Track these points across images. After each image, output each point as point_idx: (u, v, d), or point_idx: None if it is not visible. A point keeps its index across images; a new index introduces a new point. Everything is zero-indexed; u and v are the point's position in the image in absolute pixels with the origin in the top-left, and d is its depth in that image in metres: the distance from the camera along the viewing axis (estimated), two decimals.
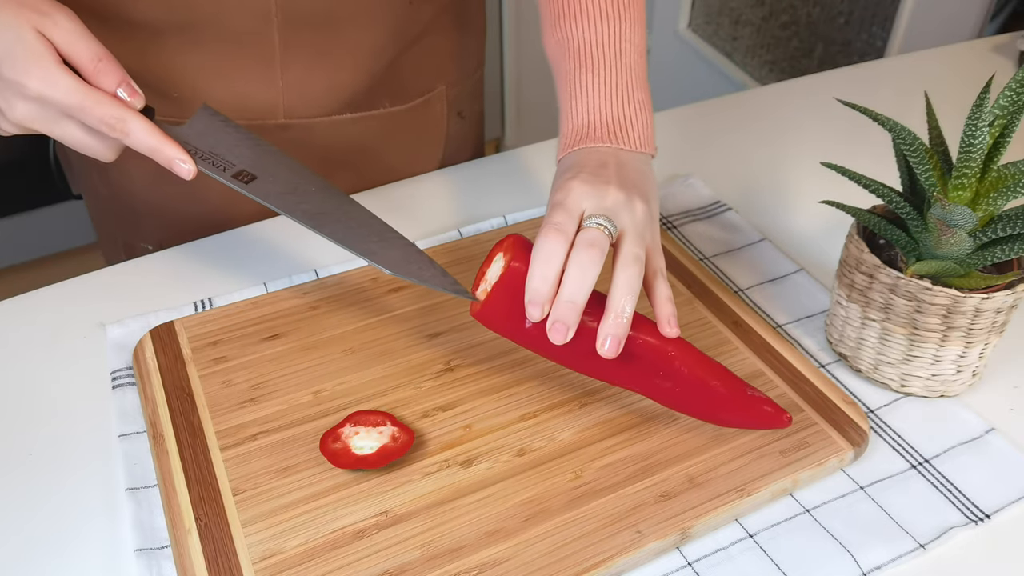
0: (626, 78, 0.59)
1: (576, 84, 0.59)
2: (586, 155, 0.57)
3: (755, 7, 1.89)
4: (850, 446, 0.56)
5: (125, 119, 0.53)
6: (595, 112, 0.58)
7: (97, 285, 0.70)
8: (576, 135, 0.58)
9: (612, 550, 0.50)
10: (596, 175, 0.55)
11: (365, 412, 0.57)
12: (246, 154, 0.57)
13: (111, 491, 0.55)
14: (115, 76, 0.53)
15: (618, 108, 0.58)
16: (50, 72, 0.52)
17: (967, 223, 0.52)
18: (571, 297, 0.50)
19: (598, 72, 0.59)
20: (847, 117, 0.88)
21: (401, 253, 0.55)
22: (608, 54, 0.59)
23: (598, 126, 0.58)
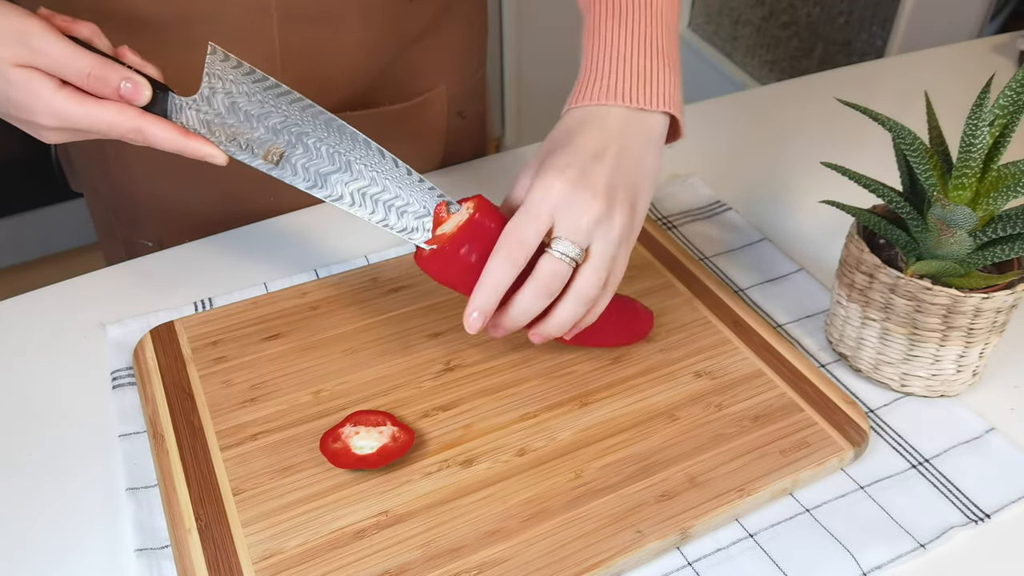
0: (655, 30, 0.56)
1: (600, 31, 0.56)
2: (591, 129, 0.54)
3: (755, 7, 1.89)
4: (850, 446, 0.56)
5: (143, 130, 0.53)
6: (618, 61, 0.55)
7: (97, 285, 0.70)
8: (594, 85, 0.55)
9: (612, 550, 0.50)
10: (584, 174, 0.52)
11: (365, 412, 0.57)
12: (274, 119, 0.54)
13: (111, 491, 0.55)
14: (112, 81, 0.52)
15: (643, 60, 0.55)
16: (53, 105, 0.51)
17: (967, 223, 0.52)
18: (514, 319, 0.53)
19: (626, 20, 0.56)
20: (847, 117, 0.88)
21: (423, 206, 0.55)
22: (638, 2, 0.56)
23: (619, 78, 0.54)
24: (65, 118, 0.51)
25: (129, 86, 0.52)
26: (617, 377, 0.61)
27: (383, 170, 0.55)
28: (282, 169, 0.55)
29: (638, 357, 0.63)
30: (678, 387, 0.60)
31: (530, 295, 0.52)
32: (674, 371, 0.61)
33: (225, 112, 0.54)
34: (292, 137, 0.55)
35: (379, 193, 0.56)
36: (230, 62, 0.54)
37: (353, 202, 0.56)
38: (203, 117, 0.55)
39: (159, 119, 0.53)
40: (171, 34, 0.68)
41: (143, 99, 0.53)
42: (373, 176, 0.55)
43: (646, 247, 0.72)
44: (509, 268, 0.51)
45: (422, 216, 0.56)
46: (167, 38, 0.69)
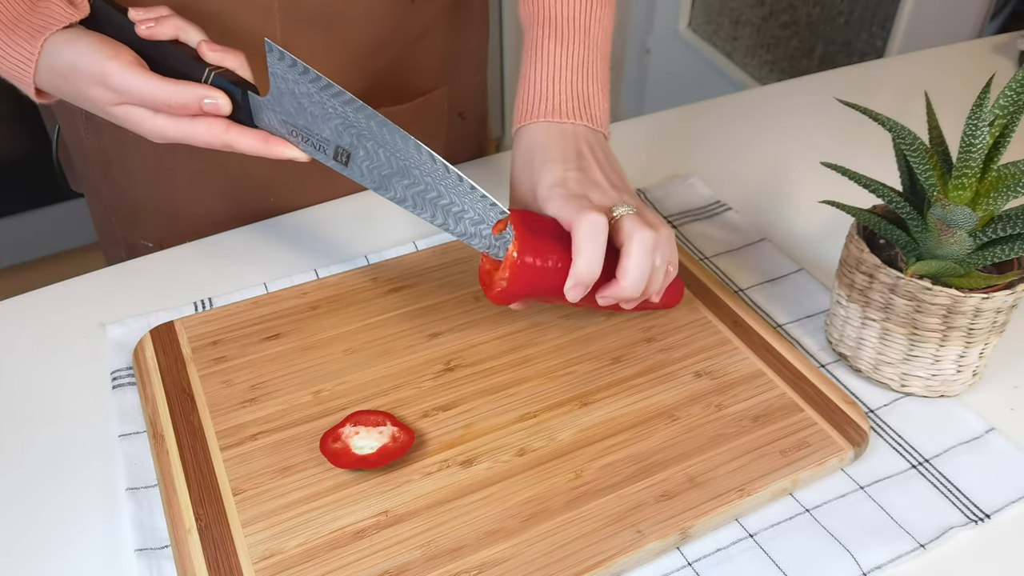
0: (592, 55, 0.60)
1: (541, 51, 0.60)
2: (555, 138, 0.57)
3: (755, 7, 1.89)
4: (850, 446, 0.56)
5: (231, 144, 0.56)
6: (557, 83, 0.59)
7: (97, 285, 0.70)
8: (538, 104, 0.59)
9: (612, 550, 0.50)
10: (592, 177, 0.56)
11: (365, 412, 0.57)
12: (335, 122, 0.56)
13: (111, 491, 0.55)
14: (192, 106, 0.55)
15: (581, 83, 0.59)
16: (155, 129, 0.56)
17: (967, 223, 0.52)
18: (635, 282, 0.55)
19: (565, 44, 0.60)
20: (847, 117, 0.88)
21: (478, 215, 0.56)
22: (577, 28, 0.60)
23: (561, 99, 0.59)
24: (167, 137, 0.56)
25: (211, 102, 0.55)
26: (617, 377, 0.61)
27: (436, 175, 0.56)
28: (351, 170, 0.57)
29: (638, 357, 0.63)
30: (678, 387, 0.60)
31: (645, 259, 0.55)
32: (674, 371, 0.61)
33: (295, 112, 0.56)
34: (353, 139, 0.56)
35: (436, 198, 0.56)
36: (286, 61, 0.55)
37: (415, 205, 0.56)
38: (280, 117, 0.57)
39: (244, 130, 0.56)
40: None
41: (225, 111, 0.56)
42: (428, 181, 0.56)
43: None
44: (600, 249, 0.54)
45: (478, 223, 0.56)
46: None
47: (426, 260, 0.71)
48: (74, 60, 0.55)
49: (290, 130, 0.57)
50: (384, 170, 0.56)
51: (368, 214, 0.78)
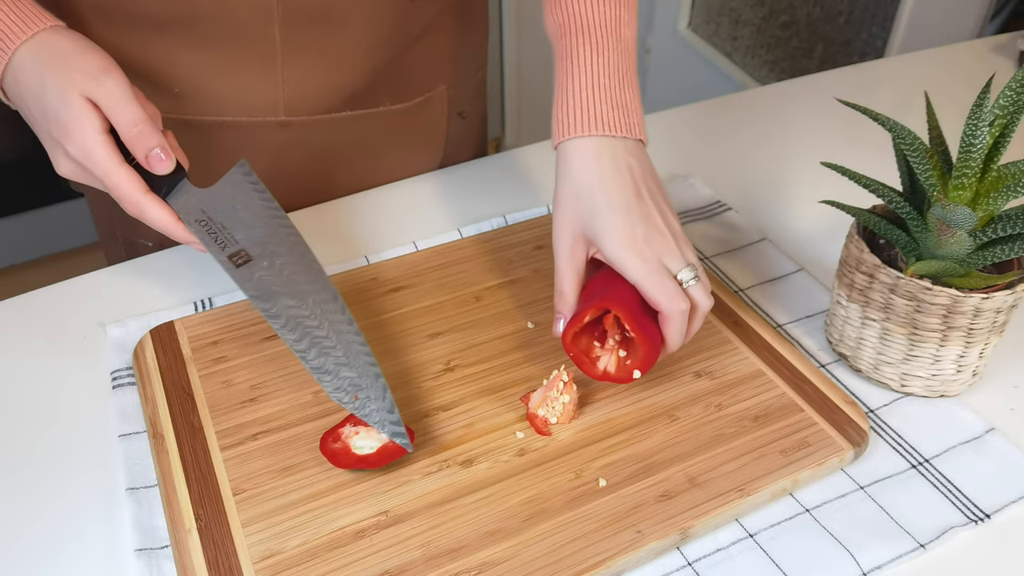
0: (625, 61, 0.59)
1: (578, 59, 0.59)
2: (610, 172, 0.57)
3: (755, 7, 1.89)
4: (850, 446, 0.56)
5: (142, 209, 0.56)
6: (597, 89, 0.58)
7: (97, 285, 0.70)
8: (580, 116, 0.58)
9: (612, 550, 0.50)
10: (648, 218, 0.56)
11: None
12: (257, 232, 0.57)
13: (111, 491, 0.55)
14: (149, 142, 0.56)
15: (619, 90, 0.58)
16: (87, 142, 0.55)
17: (967, 223, 0.52)
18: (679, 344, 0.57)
19: (601, 50, 0.59)
20: (847, 117, 0.88)
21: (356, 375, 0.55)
22: (610, 34, 0.59)
23: (602, 108, 0.58)
24: (87, 158, 0.55)
25: (160, 154, 0.56)
26: None
27: (336, 322, 0.55)
28: (240, 272, 0.56)
29: None
30: (678, 387, 0.60)
31: (696, 325, 0.57)
32: (674, 371, 0.61)
33: (222, 209, 0.58)
34: (265, 251, 0.57)
35: (322, 337, 0.55)
36: (251, 177, 0.58)
37: (286, 323, 0.55)
38: (200, 206, 0.58)
39: (159, 203, 0.56)
40: (174, 33, 0.69)
41: (163, 170, 0.57)
42: (323, 322, 0.55)
43: None
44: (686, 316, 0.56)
45: (351, 389, 0.54)
46: (170, 37, 0.69)
47: (426, 260, 0.71)
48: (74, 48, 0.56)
49: (202, 219, 0.57)
50: (278, 286, 0.56)
51: (368, 214, 0.78)
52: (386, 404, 0.54)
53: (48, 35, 0.57)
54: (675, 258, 0.56)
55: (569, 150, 0.58)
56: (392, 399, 0.54)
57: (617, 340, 0.58)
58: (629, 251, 0.55)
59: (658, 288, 0.55)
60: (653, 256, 0.56)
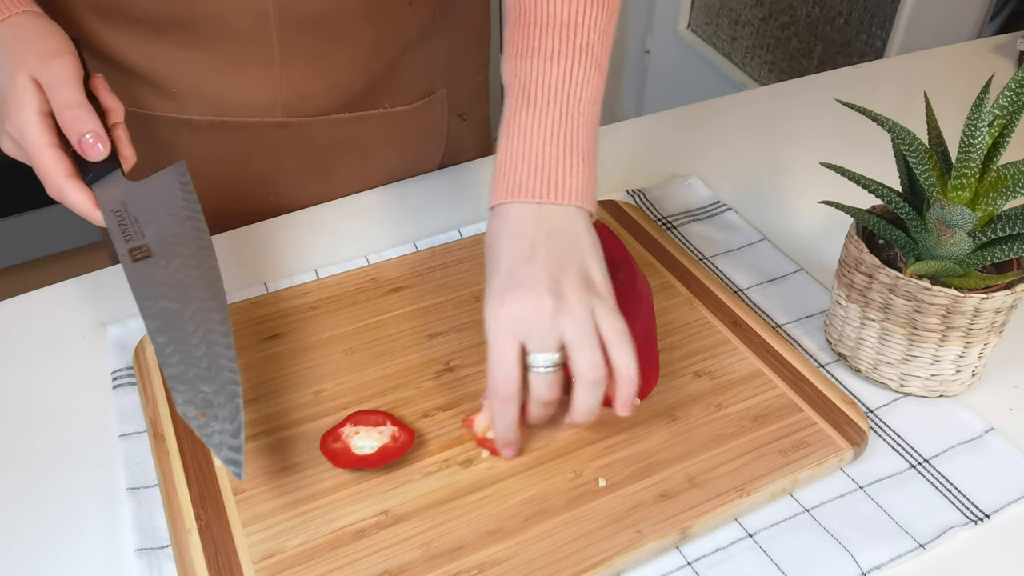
0: (570, 123, 0.54)
1: (514, 123, 0.55)
2: (511, 233, 0.53)
3: (755, 8, 1.89)
4: (849, 446, 0.56)
5: (62, 191, 0.56)
6: (530, 155, 0.54)
7: (97, 285, 0.70)
8: (508, 183, 0.54)
9: (612, 550, 0.50)
10: (523, 283, 0.51)
11: (365, 412, 0.57)
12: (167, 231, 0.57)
13: (111, 491, 0.55)
14: (82, 126, 0.56)
15: (555, 153, 0.53)
16: (22, 121, 0.56)
17: (966, 223, 0.52)
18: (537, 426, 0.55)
19: (540, 113, 0.54)
20: (847, 117, 0.88)
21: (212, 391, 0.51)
22: (554, 95, 0.54)
23: (530, 173, 0.53)
24: (21, 135, 0.56)
25: (91, 140, 0.56)
26: None
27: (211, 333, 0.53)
28: (134, 266, 0.55)
29: None
30: (678, 387, 0.60)
31: (537, 412, 0.54)
32: (674, 371, 0.62)
33: (142, 204, 0.57)
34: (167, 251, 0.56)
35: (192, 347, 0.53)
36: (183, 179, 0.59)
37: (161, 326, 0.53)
38: (121, 196, 0.57)
39: (80, 188, 0.56)
40: (172, 34, 0.69)
41: (95, 156, 0.56)
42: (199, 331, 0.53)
43: (646, 247, 0.72)
44: (510, 408, 0.52)
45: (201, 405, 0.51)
46: (168, 38, 0.69)
47: (426, 260, 0.71)
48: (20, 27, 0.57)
49: (118, 209, 0.57)
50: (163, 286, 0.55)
51: (368, 214, 0.78)
52: (231, 428, 0.50)
53: (18, 19, 0.57)
54: (540, 338, 0.50)
55: (492, 215, 0.55)
56: (241, 424, 0.50)
57: None
58: (490, 316, 0.51)
59: (492, 367, 0.51)
60: (511, 328, 0.51)
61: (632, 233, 0.74)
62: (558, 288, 0.51)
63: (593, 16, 0.55)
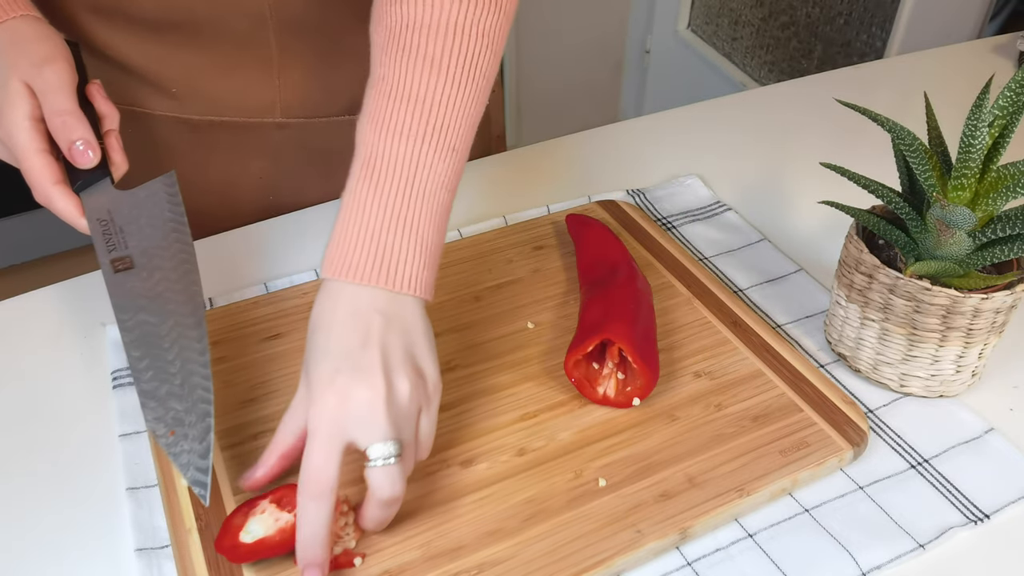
0: (412, 207, 0.50)
1: (355, 195, 0.51)
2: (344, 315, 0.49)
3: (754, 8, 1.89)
4: (849, 446, 0.56)
5: (49, 197, 0.55)
6: (366, 235, 0.50)
7: (97, 285, 0.70)
8: (342, 260, 0.50)
9: (612, 550, 0.50)
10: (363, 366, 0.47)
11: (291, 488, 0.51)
12: (150, 243, 0.56)
13: (111, 491, 0.55)
14: (72, 133, 0.55)
15: (392, 238, 0.50)
16: (13, 125, 0.55)
17: (966, 223, 0.52)
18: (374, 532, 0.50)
19: (381, 190, 0.50)
20: (847, 117, 0.88)
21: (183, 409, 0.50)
22: (398, 174, 0.50)
23: (365, 254, 0.50)
24: (11, 139, 0.55)
25: (81, 147, 0.55)
26: None
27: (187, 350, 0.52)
28: (115, 277, 0.55)
29: None
30: (677, 387, 0.60)
31: (376, 514, 0.49)
32: (674, 371, 0.62)
33: (128, 214, 0.57)
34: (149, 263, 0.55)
35: (167, 362, 0.52)
36: (171, 190, 0.58)
37: (136, 339, 0.52)
38: (108, 205, 0.57)
39: (67, 195, 0.56)
40: (171, 35, 0.69)
41: (84, 164, 0.56)
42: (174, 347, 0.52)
43: (646, 248, 0.73)
44: (324, 506, 0.46)
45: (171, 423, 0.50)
46: (167, 38, 0.69)
47: None
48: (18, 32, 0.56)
49: (104, 218, 0.57)
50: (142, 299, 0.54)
51: None
52: (200, 448, 0.49)
53: (15, 23, 0.57)
54: (370, 430, 0.47)
55: (320, 290, 0.51)
56: (211, 445, 0.49)
57: (614, 364, 0.59)
58: (318, 399, 0.47)
59: (309, 455, 0.46)
60: (337, 417, 0.47)
61: (632, 233, 0.74)
62: (391, 380, 0.48)
63: (453, 95, 0.51)
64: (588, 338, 0.58)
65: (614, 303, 0.60)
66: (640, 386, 0.57)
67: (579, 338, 0.59)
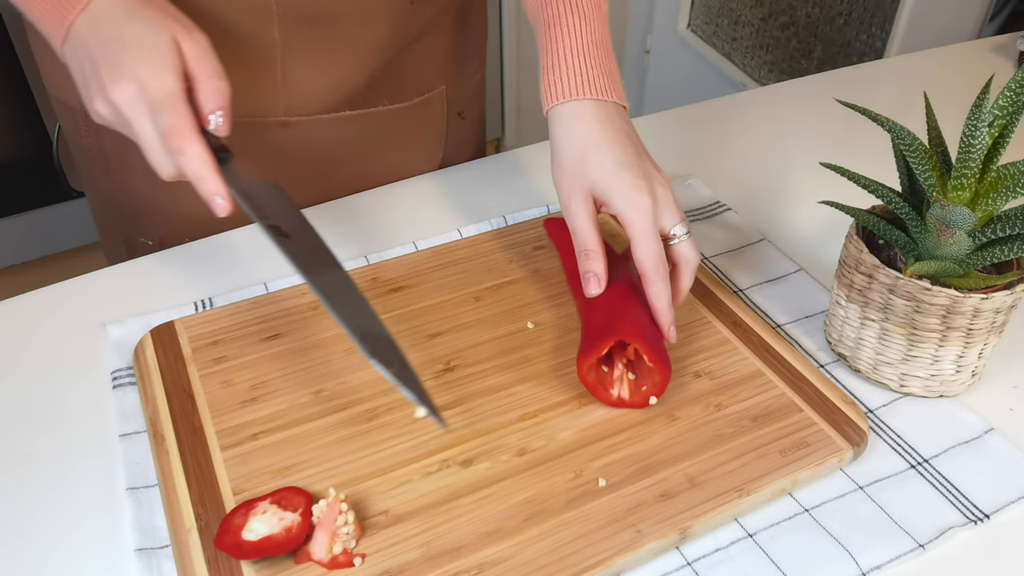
0: (606, 31, 0.62)
1: (565, 26, 0.61)
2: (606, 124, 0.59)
3: (754, 8, 1.89)
4: (849, 446, 0.56)
5: (186, 138, 0.53)
6: (586, 56, 0.61)
7: (97, 285, 0.70)
8: (573, 79, 0.60)
9: (612, 550, 0.50)
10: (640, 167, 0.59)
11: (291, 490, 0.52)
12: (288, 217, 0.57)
13: (111, 491, 0.55)
14: (219, 101, 0.55)
15: (605, 57, 0.61)
16: (161, 68, 0.54)
17: (966, 223, 0.52)
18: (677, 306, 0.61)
19: (587, 18, 0.61)
20: (847, 117, 0.88)
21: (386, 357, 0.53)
22: (592, 4, 0.62)
23: (593, 74, 0.60)
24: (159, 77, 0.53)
25: (222, 120, 0.55)
26: None
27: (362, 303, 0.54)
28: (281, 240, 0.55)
29: None
30: (678, 387, 0.60)
31: (689, 280, 0.60)
32: (674, 371, 0.61)
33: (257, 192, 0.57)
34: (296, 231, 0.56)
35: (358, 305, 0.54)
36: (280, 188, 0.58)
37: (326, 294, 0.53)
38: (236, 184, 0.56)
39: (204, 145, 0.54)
40: None
41: (221, 133, 0.56)
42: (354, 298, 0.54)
43: None
44: (666, 284, 0.58)
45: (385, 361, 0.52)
46: None
47: (426, 260, 0.71)
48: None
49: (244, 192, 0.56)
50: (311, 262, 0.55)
51: (368, 214, 0.78)
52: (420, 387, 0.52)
53: None
54: (672, 214, 0.59)
55: (567, 113, 0.60)
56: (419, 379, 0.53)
57: (624, 364, 0.59)
58: (638, 208, 0.57)
59: (647, 249, 0.57)
60: (653, 214, 0.58)
61: None
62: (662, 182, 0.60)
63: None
64: (601, 340, 0.57)
65: (615, 302, 0.60)
66: (656, 383, 0.57)
67: (588, 342, 0.58)
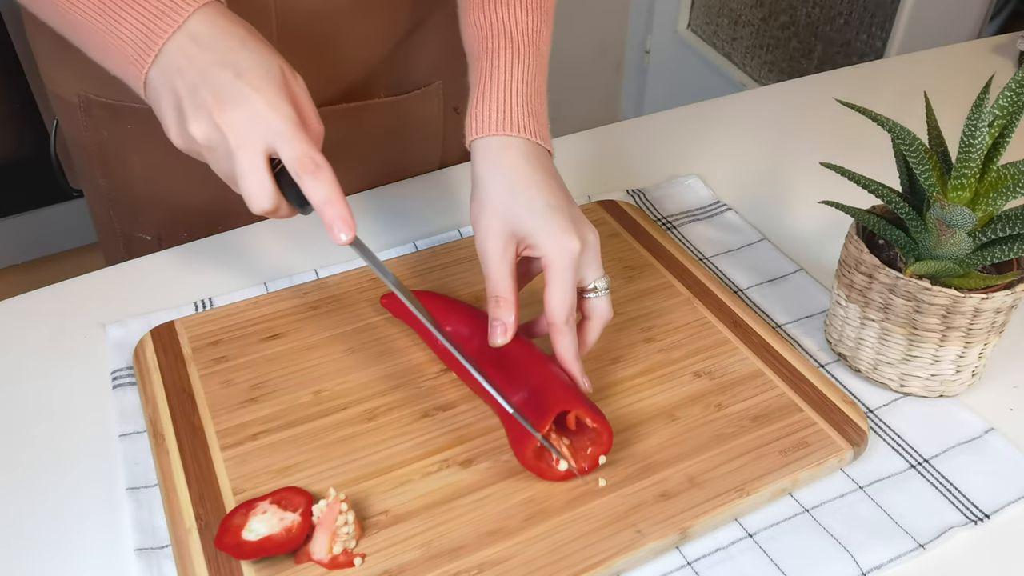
0: (540, 74, 0.60)
1: (498, 61, 0.59)
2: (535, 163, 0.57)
3: (754, 8, 1.89)
4: (849, 446, 0.56)
5: (321, 164, 0.53)
6: (516, 93, 0.59)
7: (97, 285, 0.70)
8: (500, 115, 0.58)
9: (612, 550, 0.50)
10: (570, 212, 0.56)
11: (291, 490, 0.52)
12: None
13: (111, 491, 0.55)
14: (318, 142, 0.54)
15: (534, 99, 0.59)
16: (279, 98, 0.51)
17: (966, 223, 0.52)
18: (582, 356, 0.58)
19: (521, 57, 0.60)
20: (847, 117, 0.88)
21: None
22: (530, 44, 0.60)
23: (520, 111, 0.58)
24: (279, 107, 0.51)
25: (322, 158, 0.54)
26: (617, 377, 0.61)
27: None
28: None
29: (638, 357, 0.63)
30: (678, 387, 0.60)
31: (595, 335, 0.58)
32: (674, 371, 0.62)
33: None
34: None
35: None
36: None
37: None
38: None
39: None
40: None
41: None
42: None
43: (646, 247, 0.73)
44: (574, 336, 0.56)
45: None
46: None
47: (426, 260, 0.71)
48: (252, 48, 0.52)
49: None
50: None
51: (368, 214, 0.78)
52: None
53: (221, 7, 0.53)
54: (597, 266, 0.57)
55: (493, 147, 0.57)
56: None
57: (556, 434, 0.55)
58: (565, 252, 0.54)
59: (562, 297, 0.54)
60: (578, 262, 0.55)
61: (632, 233, 0.74)
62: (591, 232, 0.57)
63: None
64: (542, 416, 0.52)
65: (523, 366, 0.56)
66: (602, 441, 0.54)
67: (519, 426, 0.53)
